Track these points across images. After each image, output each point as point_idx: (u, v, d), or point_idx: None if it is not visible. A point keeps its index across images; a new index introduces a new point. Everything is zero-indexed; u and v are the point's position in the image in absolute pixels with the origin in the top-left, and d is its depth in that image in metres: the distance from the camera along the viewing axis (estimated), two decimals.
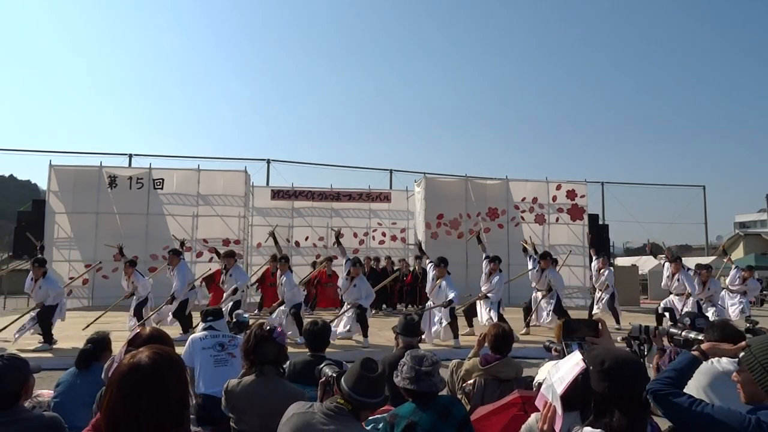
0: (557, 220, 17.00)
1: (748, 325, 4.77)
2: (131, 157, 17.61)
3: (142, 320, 9.24)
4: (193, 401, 3.72)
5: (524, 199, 17.02)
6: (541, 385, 1.93)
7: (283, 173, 36.13)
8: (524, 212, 16.95)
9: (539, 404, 1.87)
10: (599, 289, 11.33)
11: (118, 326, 9.16)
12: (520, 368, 3.73)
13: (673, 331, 2.66)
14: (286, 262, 9.14)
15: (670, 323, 3.11)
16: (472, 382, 3.69)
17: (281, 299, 8.88)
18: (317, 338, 3.67)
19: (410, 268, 15.26)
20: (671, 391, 1.88)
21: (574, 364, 1.83)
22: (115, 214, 14.92)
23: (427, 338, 8.57)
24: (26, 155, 45.66)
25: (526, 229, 16.90)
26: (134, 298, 9.73)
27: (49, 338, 8.17)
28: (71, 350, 7.30)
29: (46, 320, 8.20)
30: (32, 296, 8.68)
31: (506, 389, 3.41)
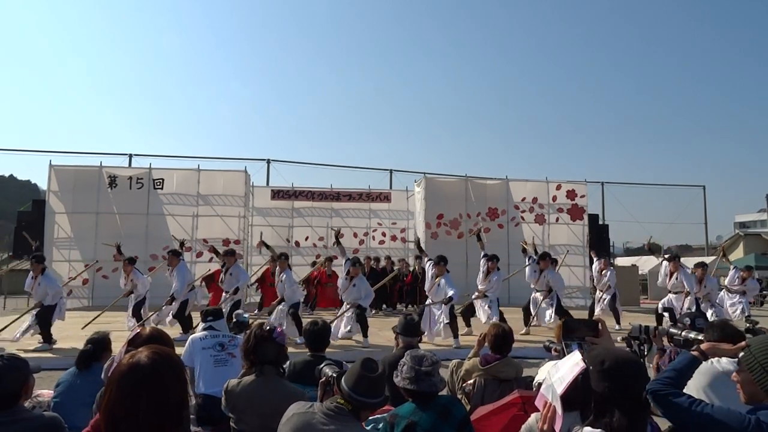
0: (557, 220, 16.99)
1: (748, 325, 4.77)
2: (131, 157, 17.61)
3: (141, 321, 9.25)
4: (192, 401, 3.72)
5: (524, 199, 17.02)
6: (541, 385, 1.93)
7: (283, 173, 36.15)
8: (524, 212, 16.95)
9: (539, 404, 1.87)
10: (600, 289, 11.31)
11: (117, 326, 9.17)
12: (520, 368, 3.74)
13: (673, 331, 2.66)
14: (285, 259, 9.16)
15: (670, 323, 3.11)
16: (472, 382, 3.69)
17: (281, 297, 8.87)
18: (317, 338, 3.68)
19: (410, 268, 15.26)
20: (671, 391, 1.88)
21: (574, 364, 1.83)
22: (115, 214, 14.93)
23: (428, 337, 8.58)
24: (26, 155, 45.69)
25: (526, 229, 16.89)
26: (132, 297, 9.74)
27: (48, 338, 8.19)
28: (71, 350, 7.30)
29: (45, 320, 8.22)
30: (32, 294, 8.69)
31: (506, 389, 3.41)
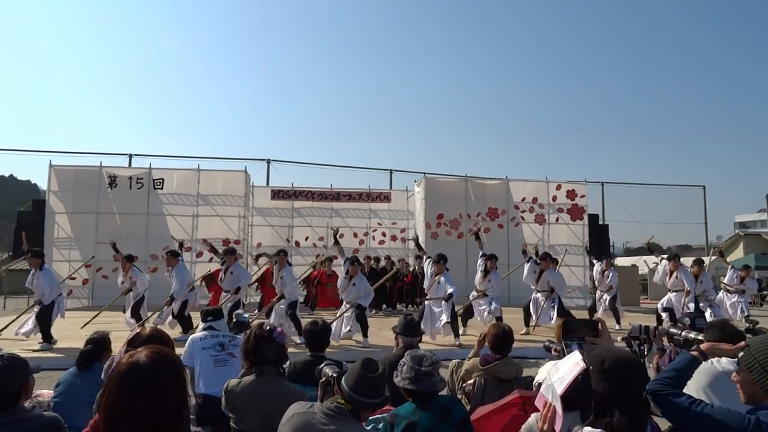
0: (557, 220, 16.99)
1: (748, 325, 4.76)
2: (131, 157, 17.61)
3: (141, 321, 9.24)
4: (192, 401, 3.72)
5: (524, 199, 17.02)
6: (541, 385, 1.93)
7: (283, 173, 36.19)
8: (524, 212, 16.95)
9: (539, 404, 1.87)
10: (601, 290, 11.30)
11: (117, 326, 9.16)
12: (520, 368, 3.74)
13: (673, 331, 2.66)
14: (285, 255, 9.14)
15: (670, 323, 3.12)
16: (472, 382, 3.69)
17: (280, 294, 8.83)
18: (317, 338, 3.67)
19: (410, 268, 15.26)
20: (671, 391, 1.88)
21: (574, 363, 1.82)
22: (115, 214, 14.93)
23: (430, 335, 8.62)
24: (26, 155, 45.74)
25: (526, 229, 16.90)
26: (131, 296, 9.70)
27: (48, 338, 8.18)
28: (71, 350, 7.30)
29: (44, 320, 8.21)
30: (33, 290, 8.67)
31: (506, 389, 3.41)
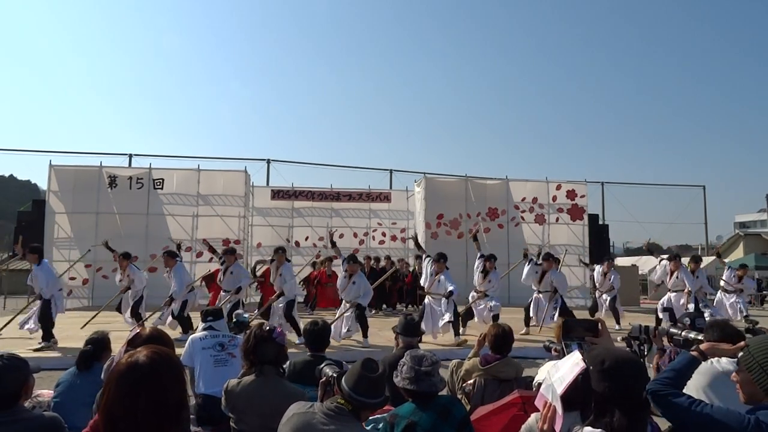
0: (557, 220, 17.00)
1: (748, 325, 4.77)
2: (131, 157, 17.63)
3: (141, 320, 9.23)
4: (192, 401, 3.72)
5: (524, 199, 17.02)
6: (541, 385, 1.93)
7: (283, 173, 36.27)
8: (524, 212, 16.95)
9: (539, 404, 1.87)
10: (601, 290, 11.30)
11: (117, 326, 9.16)
12: (520, 368, 3.74)
13: (673, 331, 2.66)
14: (283, 252, 9.11)
15: (670, 323, 3.11)
16: (472, 382, 3.69)
17: (279, 291, 8.78)
18: (317, 338, 3.67)
19: (410, 268, 15.26)
20: (670, 391, 1.88)
21: (574, 363, 1.82)
22: (115, 214, 14.93)
23: (431, 334, 8.64)
24: (26, 155, 45.84)
25: (526, 229, 16.90)
26: (130, 296, 9.65)
27: (48, 337, 8.16)
28: (71, 350, 7.29)
29: (45, 318, 8.19)
30: (33, 286, 8.63)
31: (506, 389, 3.41)
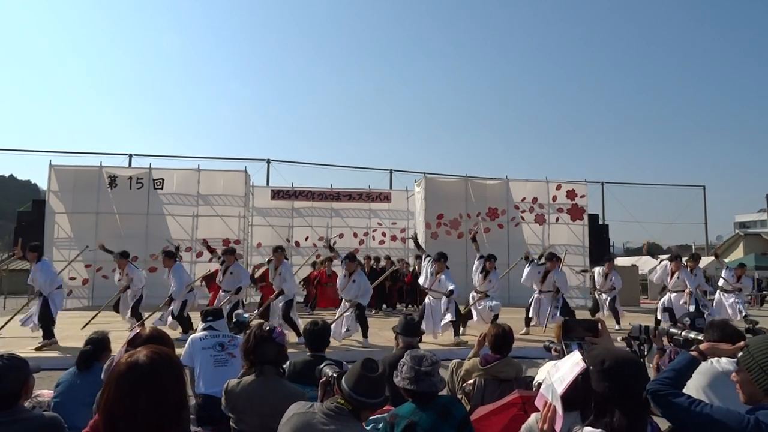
0: (557, 220, 16.99)
1: (748, 325, 4.76)
2: (131, 157, 17.62)
3: (141, 320, 9.22)
4: (192, 401, 3.72)
5: (524, 199, 17.02)
6: (541, 385, 1.93)
7: (283, 173, 36.26)
8: (524, 212, 16.94)
9: (539, 404, 1.87)
10: (602, 291, 11.31)
11: (117, 326, 9.16)
12: (520, 368, 3.74)
13: (673, 331, 2.67)
14: (282, 252, 9.10)
15: (670, 323, 3.11)
16: (472, 382, 3.69)
17: (278, 290, 8.74)
18: (317, 338, 3.67)
19: (410, 268, 15.26)
20: (670, 391, 1.88)
21: (574, 363, 1.82)
22: (115, 214, 14.93)
23: (432, 333, 8.65)
24: (26, 155, 45.81)
25: (526, 229, 16.90)
26: (129, 296, 9.61)
27: (49, 335, 8.13)
28: (71, 350, 7.29)
29: (44, 319, 8.17)
30: (33, 284, 8.60)
31: (506, 389, 3.41)
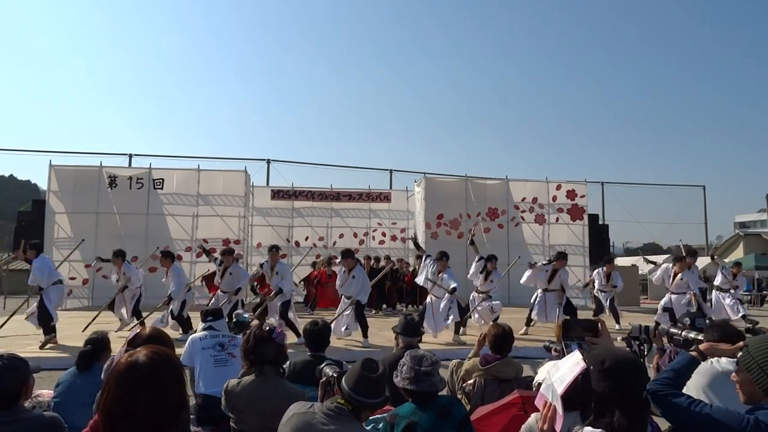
0: (557, 220, 17.00)
1: (748, 325, 4.77)
2: (131, 157, 17.62)
3: (141, 319, 9.20)
4: (192, 401, 3.72)
5: (524, 199, 17.03)
6: (541, 385, 1.93)
7: (283, 173, 36.28)
8: (524, 212, 16.95)
9: (539, 404, 1.87)
10: (603, 290, 11.31)
11: (117, 326, 9.16)
12: (520, 368, 3.74)
13: (673, 331, 2.67)
14: (277, 251, 9.10)
15: (670, 323, 3.12)
16: (472, 382, 3.69)
17: (277, 290, 8.70)
18: (317, 338, 3.67)
19: (410, 268, 15.26)
20: (670, 391, 1.88)
21: (574, 363, 1.82)
22: (115, 214, 14.93)
23: (433, 332, 8.66)
24: (26, 155, 45.88)
25: (526, 229, 16.91)
26: (128, 296, 9.52)
27: (49, 331, 8.09)
28: (71, 350, 7.29)
29: (44, 319, 8.15)
30: (33, 283, 8.60)
31: (506, 389, 3.41)
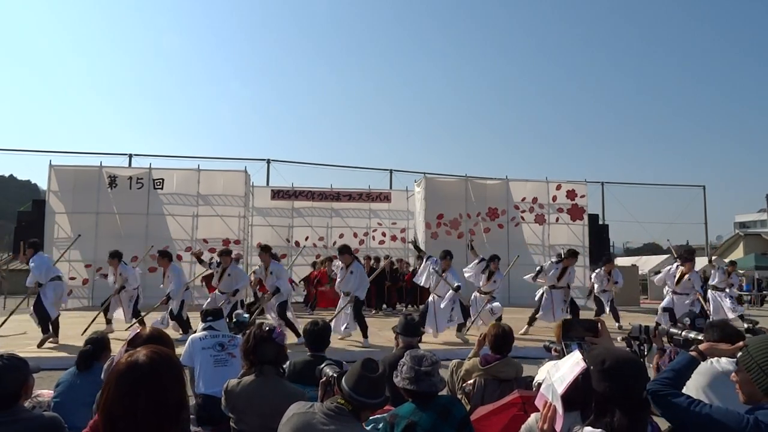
0: (557, 220, 17.00)
1: (748, 325, 4.76)
2: (131, 157, 17.60)
3: (140, 317, 9.19)
4: (192, 401, 3.72)
5: (524, 199, 17.03)
6: (541, 385, 1.93)
7: (283, 173, 36.29)
8: (524, 212, 16.96)
9: (539, 404, 1.87)
10: (605, 289, 11.32)
11: (117, 326, 9.17)
12: (520, 368, 3.74)
13: (673, 331, 2.67)
14: (267, 251, 9.00)
15: (670, 323, 3.12)
16: (472, 382, 3.69)
17: (273, 289, 8.68)
18: (317, 338, 3.67)
19: (410, 268, 15.26)
20: (670, 391, 1.89)
21: (574, 363, 1.82)
22: (115, 214, 14.93)
23: (433, 332, 8.69)
24: (26, 155, 45.85)
25: (526, 229, 16.91)
26: (126, 298, 9.49)
27: (46, 330, 8.07)
28: (71, 350, 7.29)
29: (41, 314, 8.14)
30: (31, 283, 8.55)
31: (506, 389, 3.41)
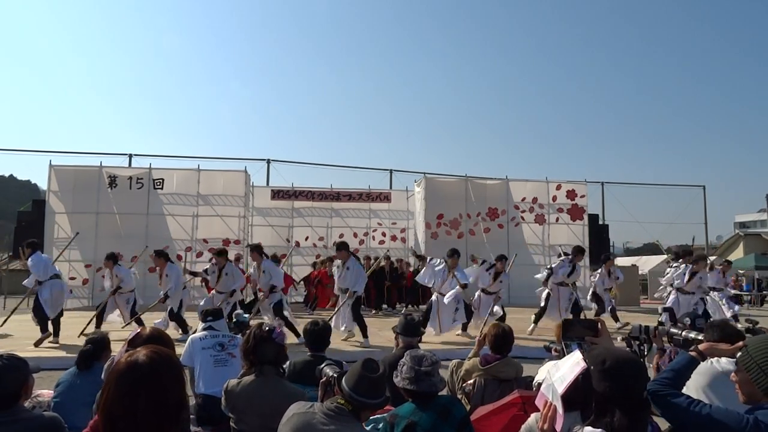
0: (557, 220, 17.00)
1: (748, 325, 4.76)
2: (131, 157, 17.59)
3: (137, 315, 9.17)
4: (192, 401, 3.72)
5: (524, 199, 17.03)
6: (541, 385, 1.93)
7: (283, 173, 36.19)
8: (524, 212, 16.96)
9: (539, 404, 1.87)
10: (607, 288, 11.35)
11: (117, 326, 9.16)
12: (520, 368, 3.74)
13: (673, 331, 2.67)
14: (255, 250, 8.93)
15: (670, 323, 3.12)
16: (472, 382, 3.69)
17: (268, 288, 8.61)
18: (318, 338, 3.68)
19: (410, 267, 15.25)
20: (670, 391, 1.89)
21: (574, 363, 1.82)
22: (115, 214, 14.93)
23: (436, 331, 8.71)
24: (26, 155, 45.83)
25: (526, 229, 16.91)
26: (124, 300, 9.36)
27: (45, 329, 8.04)
28: (71, 350, 7.29)
29: (40, 314, 8.13)
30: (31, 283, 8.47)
31: (506, 389, 3.41)
